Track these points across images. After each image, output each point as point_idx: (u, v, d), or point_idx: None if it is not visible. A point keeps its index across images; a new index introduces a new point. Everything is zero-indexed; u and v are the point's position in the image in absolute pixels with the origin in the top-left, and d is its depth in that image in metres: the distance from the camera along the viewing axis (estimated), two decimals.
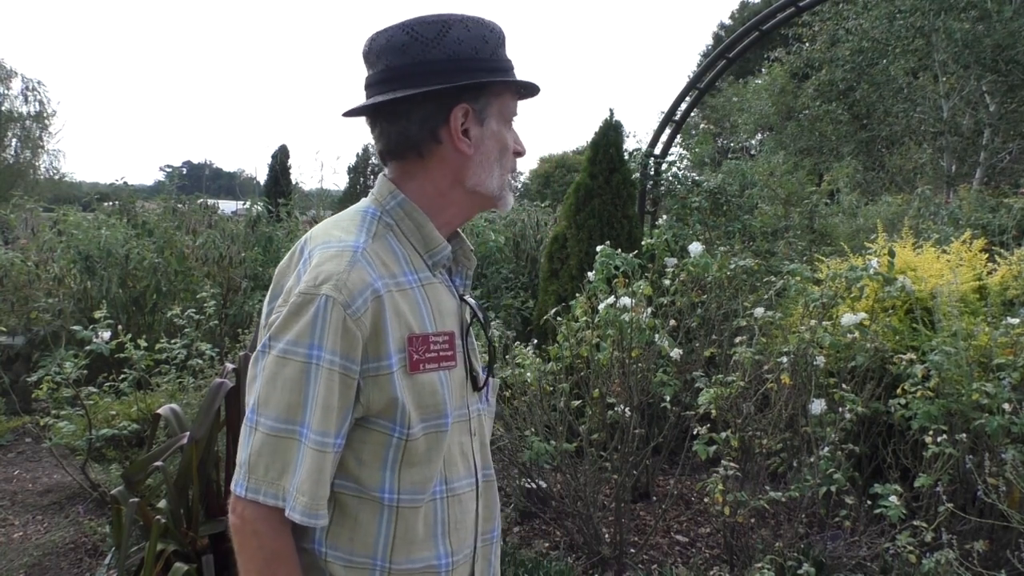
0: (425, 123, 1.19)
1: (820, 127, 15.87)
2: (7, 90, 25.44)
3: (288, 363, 1.09)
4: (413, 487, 1.17)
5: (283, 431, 1.09)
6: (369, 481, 1.15)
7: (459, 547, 1.24)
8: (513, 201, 1.29)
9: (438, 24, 1.18)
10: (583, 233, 5.25)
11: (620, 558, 3.38)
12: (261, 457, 1.09)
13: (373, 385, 1.12)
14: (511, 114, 1.26)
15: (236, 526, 1.12)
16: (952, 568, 2.61)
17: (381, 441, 1.14)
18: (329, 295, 1.08)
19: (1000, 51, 12.02)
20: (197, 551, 2.67)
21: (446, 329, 1.21)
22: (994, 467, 2.82)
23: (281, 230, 7.67)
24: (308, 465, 1.08)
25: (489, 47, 1.21)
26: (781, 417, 3.29)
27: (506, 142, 1.25)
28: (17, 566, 3.33)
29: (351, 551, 1.16)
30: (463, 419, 1.26)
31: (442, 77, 1.17)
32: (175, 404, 3.26)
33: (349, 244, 1.14)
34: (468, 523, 1.27)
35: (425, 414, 1.16)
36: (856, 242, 6.26)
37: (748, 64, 22.85)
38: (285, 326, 1.10)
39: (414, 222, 1.22)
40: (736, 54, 6.56)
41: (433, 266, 1.23)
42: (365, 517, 1.16)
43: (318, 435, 1.08)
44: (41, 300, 5.80)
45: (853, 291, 3.58)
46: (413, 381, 1.15)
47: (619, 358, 3.48)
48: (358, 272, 1.11)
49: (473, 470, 1.28)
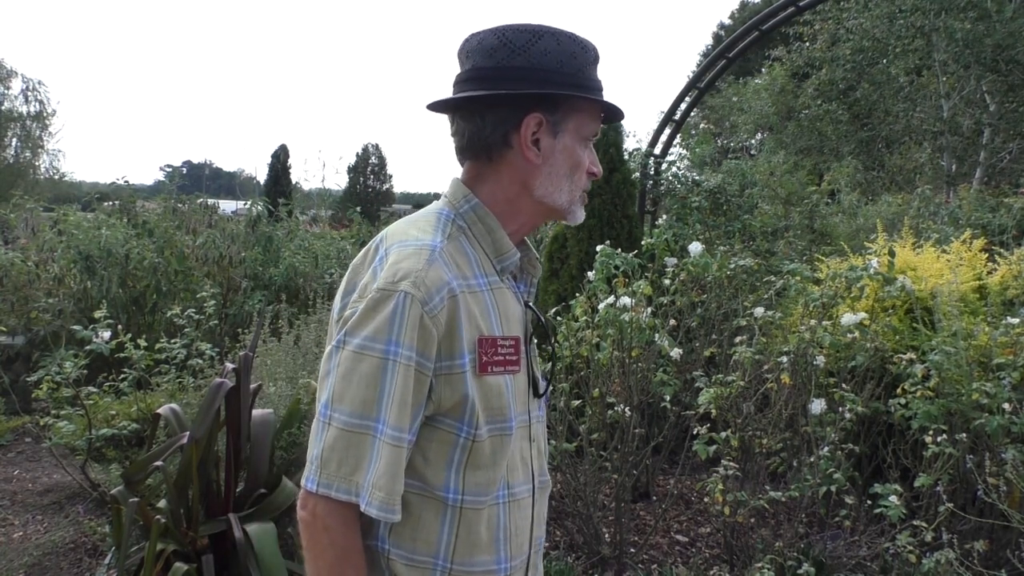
0: (498, 126, 1.21)
1: (820, 127, 15.87)
2: (7, 90, 25.48)
3: (364, 358, 1.09)
4: (477, 489, 1.18)
5: (358, 426, 1.09)
6: (434, 480, 1.16)
7: (517, 553, 1.26)
8: (583, 214, 1.29)
9: (529, 33, 1.20)
10: (583, 233, 5.25)
11: (620, 558, 3.38)
12: (334, 452, 1.09)
13: (446, 383, 1.13)
14: (590, 134, 1.25)
15: (306, 521, 1.12)
16: (952, 568, 2.61)
17: (448, 440, 1.16)
18: (407, 291, 1.09)
19: (1000, 51, 12.01)
20: (197, 551, 2.67)
21: (513, 334, 1.22)
22: (994, 467, 2.82)
23: (281, 230, 7.67)
24: (385, 460, 1.08)
25: (576, 63, 1.21)
26: (781, 417, 3.29)
27: (579, 159, 1.25)
28: (17, 566, 3.33)
29: (413, 549, 1.17)
30: (524, 424, 1.26)
31: (520, 84, 1.19)
32: (175, 404, 3.26)
33: (427, 243, 1.16)
34: (526, 529, 1.28)
35: (491, 416, 1.17)
36: (856, 242, 6.26)
37: (748, 64, 22.83)
38: (362, 322, 1.10)
39: (486, 226, 1.23)
40: (736, 54, 6.56)
41: (501, 271, 1.25)
42: (428, 516, 1.17)
43: (394, 430, 1.09)
44: (41, 300, 5.80)
45: (853, 291, 3.58)
46: (481, 383, 1.16)
47: (619, 358, 3.48)
48: (436, 270, 1.12)
49: (531, 476, 1.29)
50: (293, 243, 7.53)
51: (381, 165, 35.22)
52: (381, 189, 34.68)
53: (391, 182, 35.52)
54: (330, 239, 8.48)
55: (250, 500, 2.92)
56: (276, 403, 3.58)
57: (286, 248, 7.26)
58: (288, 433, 3.41)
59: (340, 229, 11.20)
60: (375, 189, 34.30)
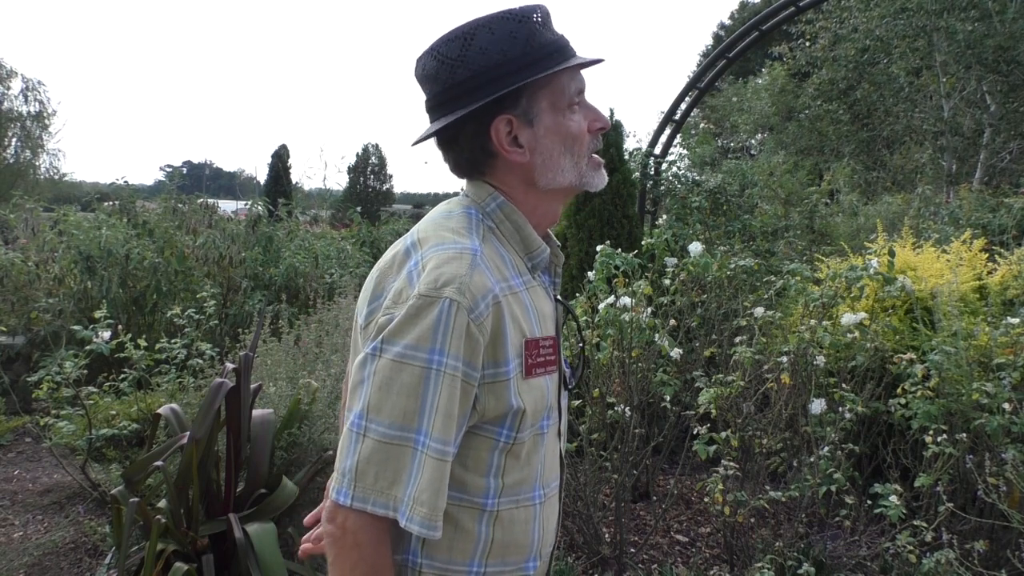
0: (473, 145, 1.18)
1: (820, 127, 15.88)
2: (7, 90, 25.47)
3: (406, 367, 1.03)
4: (513, 490, 1.16)
5: (397, 438, 1.04)
6: (473, 488, 1.13)
7: (545, 549, 1.25)
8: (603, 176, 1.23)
9: (460, 39, 1.15)
10: (583, 232, 5.25)
11: (620, 558, 3.38)
12: (371, 464, 1.03)
13: (490, 392, 1.09)
14: (570, 96, 1.18)
15: (335, 536, 1.06)
16: (952, 568, 2.61)
17: (487, 446, 1.12)
18: (453, 298, 1.03)
19: (1001, 52, 12.01)
20: (197, 551, 2.67)
21: (549, 333, 1.19)
22: (994, 467, 2.81)
23: (281, 230, 7.67)
24: (429, 474, 1.03)
25: (519, 42, 1.14)
26: (781, 417, 3.29)
27: (570, 130, 1.17)
28: (17, 566, 3.33)
29: (449, 560, 1.13)
30: (555, 421, 1.24)
31: (473, 95, 1.14)
32: (175, 404, 3.26)
33: (468, 247, 1.10)
34: (553, 526, 1.27)
35: (536, 419, 1.16)
36: (856, 242, 6.26)
37: (748, 64, 22.85)
38: (402, 329, 1.04)
39: (514, 224, 1.20)
40: (736, 54, 6.57)
41: (532, 268, 1.22)
42: (466, 524, 1.13)
43: (439, 443, 1.03)
44: (41, 300, 5.80)
45: (853, 291, 3.58)
46: (529, 386, 1.13)
47: (619, 358, 3.48)
48: (480, 275, 1.07)
49: (560, 471, 1.28)
50: (293, 243, 7.53)
51: (381, 165, 35.20)
52: (381, 189, 34.65)
53: (391, 182, 35.51)
54: (330, 239, 8.48)
55: (250, 500, 2.92)
56: (276, 403, 3.58)
57: (286, 248, 7.26)
58: (288, 433, 3.41)
59: (340, 229, 11.21)
60: (375, 189, 34.28)
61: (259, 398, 3.26)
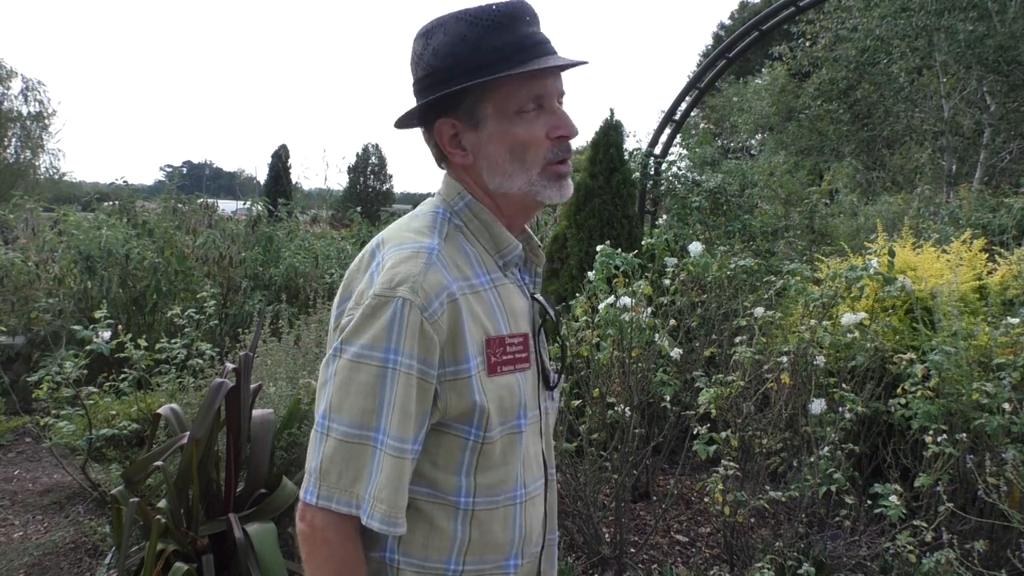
0: (429, 142, 1.22)
1: (820, 127, 15.87)
2: (7, 90, 25.50)
3: (363, 367, 1.05)
4: (489, 490, 1.15)
5: (357, 437, 1.06)
6: (445, 485, 1.13)
7: (528, 549, 1.23)
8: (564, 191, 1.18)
9: (424, 36, 1.16)
10: (583, 233, 5.25)
11: (620, 558, 3.38)
12: (334, 464, 1.06)
13: (451, 389, 1.09)
14: (521, 102, 1.14)
15: (305, 534, 1.09)
16: (952, 568, 2.61)
17: (457, 445, 1.13)
18: (406, 297, 1.05)
19: (1002, 52, 12.01)
20: (197, 551, 2.67)
21: (520, 331, 1.19)
22: (994, 467, 2.81)
23: (281, 230, 7.68)
24: (387, 472, 1.05)
25: (468, 44, 1.11)
26: (781, 417, 3.29)
27: (517, 137, 1.14)
28: (17, 566, 3.33)
29: (425, 557, 1.14)
30: (536, 420, 1.23)
31: (422, 95, 1.17)
32: (175, 404, 3.26)
33: (424, 245, 1.12)
34: (538, 525, 1.25)
35: (504, 417, 1.14)
36: (856, 242, 6.26)
37: (748, 64, 22.84)
38: (359, 329, 1.06)
39: (482, 222, 1.19)
40: (736, 54, 6.56)
41: (504, 266, 1.21)
42: (440, 522, 1.14)
43: (396, 441, 1.05)
44: (41, 300, 5.80)
45: (853, 291, 3.58)
46: (494, 384, 1.13)
47: (619, 358, 3.48)
48: (434, 274, 1.08)
49: (543, 471, 1.27)
50: (293, 243, 7.53)
51: (381, 165, 35.18)
52: (381, 189, 34.63)
53: (391, 182, 35.49)
54: (330, 239, 8.48)
55: (250, 500, 2.92)
56: (276, 403, 3.59)
57: (286, 248, 7.26)
58: (288, 433, 3.41)
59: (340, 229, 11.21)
60: (375, 189, 34.26)
61: (259, 398, 3.26)
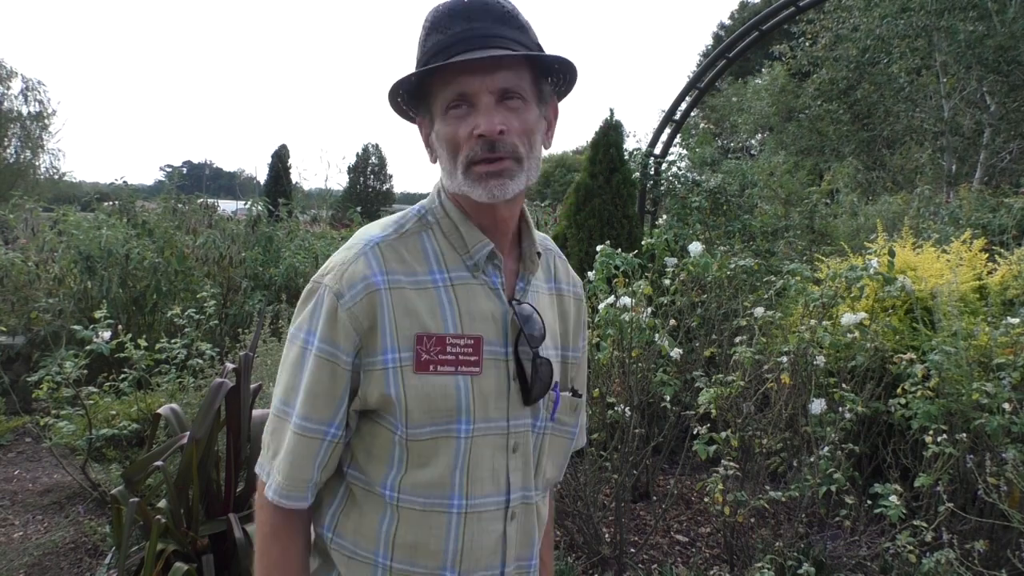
0: None
1: (820, 127, 15.88)
2: (7, 90, 25.49)
3: (292, 347, 1.15)
4: (418, 490, 1.14)
5: (281, 412, 1.16)
6: (374, 475, 1.16)
7: (472, 567, 1.17)
8: (493, 190, 1.10)
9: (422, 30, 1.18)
10: (583, 233, 5.26)
11: (620, 558, 3.38)
12: (270, 436, 1.18)
13: (368, 378, 1.12)
14: (449, 101, 1.11)
15: (255, 503, 1.21)
16: (952, 568, 2.61)
17: (387, 437, 1.14)
18: (327, 285, 1.12)
19: (1002, 52, 12.02)
20: (197, 551, 2.67)
21: (473, 333, 1.14)
22: (994, 467, 2.81)
23: (281, 230, 7.68)
24: (289, 447, 1.13)
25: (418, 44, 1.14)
26: (781, 417, 3.29)
27: (446, 137, 1.12)
28: (17, 566, 3.33)
29: (355, 543, 1.17)
30: (495, 432, 1.16)
31: None
32: (175, 404, 3.26)
33: (365, 238, 1.17)
34: (487, 545, 1.18)
35: (435, 418, 1.12)
36: (856, 242, 6.26)
37: (748, 64, 22.85)
38: (296, 313, 1.16)
39: (452, 221, 1.19)
40: (736, 54, 6.57)
41: (475, 266, 1.17)
42: (369, 511, 1.16)
43: (301, 419, 1.13)
44: (41, 300, 5.80)
45: (853, 291, 3.58)
46: (421, 381, 1.11)
47: (619, 358, 3.48)
48: (359, 265, 1.12)
49: (504, 489, 1.19)
50: (293, 243, 7.54)
51: (381, 165, 35.20)
52: (381, 189, 34.65)
53: (391, 182, 35.51)
54: (330, 239, 8.49)
55: (250, 500, 2.92)
56: None
57: (286, 248, 7.27)
58: None
59: (340, 229, 11.21)
60: (375, 189, 34.27)
61: (259, 398, 3.26)
